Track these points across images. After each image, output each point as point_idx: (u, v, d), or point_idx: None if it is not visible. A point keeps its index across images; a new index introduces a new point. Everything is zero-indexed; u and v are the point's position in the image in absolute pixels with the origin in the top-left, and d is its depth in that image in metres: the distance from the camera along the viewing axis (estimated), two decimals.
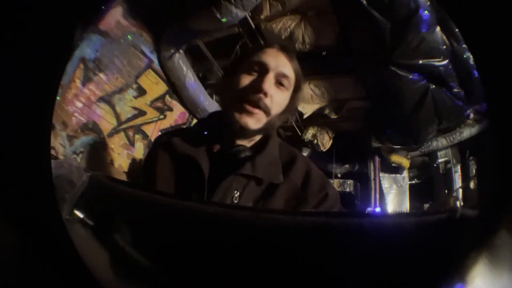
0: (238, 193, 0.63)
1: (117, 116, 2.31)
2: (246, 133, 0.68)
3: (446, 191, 3.20)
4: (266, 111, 0.67)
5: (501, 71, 0.24)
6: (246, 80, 0.68)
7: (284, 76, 0.69)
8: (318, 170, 0.72)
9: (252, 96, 0.66)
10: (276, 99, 0.68)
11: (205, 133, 0.72)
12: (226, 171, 0.64)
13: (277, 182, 0.65)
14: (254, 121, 0.66)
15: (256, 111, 0.66)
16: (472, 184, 3.00)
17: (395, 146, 3.07)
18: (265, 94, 0.65)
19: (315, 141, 3.49)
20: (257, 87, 0.65)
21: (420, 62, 2.13)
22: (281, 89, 0.70)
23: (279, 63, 0.69)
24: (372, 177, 3.50)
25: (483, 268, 0.23)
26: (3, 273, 0.30)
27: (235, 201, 0.62)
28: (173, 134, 0.74)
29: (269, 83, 0.66)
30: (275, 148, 0.72)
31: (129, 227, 0.35)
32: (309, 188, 0.66)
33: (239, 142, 0.70)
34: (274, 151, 0.71)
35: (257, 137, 0.72)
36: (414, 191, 3.67)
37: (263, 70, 0.68)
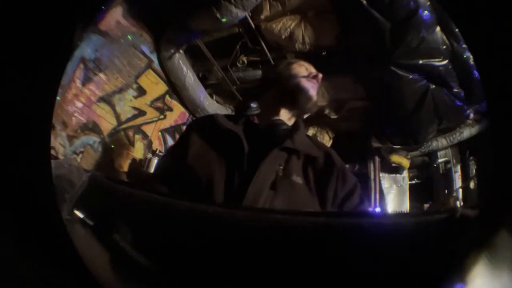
0: (282, 167, 0.71)
1: (117, 116, 2.31)
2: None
3: (446, 191, 3.20)
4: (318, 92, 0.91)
5: (501, 71, 0.24)
6: (302, 69, 0.92)
7: None
8: (338, 158, 0.83)
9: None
10: None
11: (252, 105, 0.86)
12: (265, 143, 0.73)
13: (315, 155, 0.76)
14: (315, 92, 0.88)
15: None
16: (472, 184, 2.99)
17: (395, 146, 3.07)
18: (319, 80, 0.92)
19: None
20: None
21: (420, 62, 2.13)
22: None
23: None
24: (372, 177, 3.49)
25: (483, 268, 0.23)
26: (3, 272, 0.30)
27: (280, 174, 0.70)
28: (211, 116, 0.86)
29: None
30: (305, 130, 0.87)
31: (129, 227, 0.35)
32: (333, 173, 0.75)
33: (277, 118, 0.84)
34: (305, 131, 0.86)
35: (293, 120, 0.87)
36: (414, 191, 3.66)
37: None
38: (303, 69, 0.92)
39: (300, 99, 0.85)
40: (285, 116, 0.85)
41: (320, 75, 0.91)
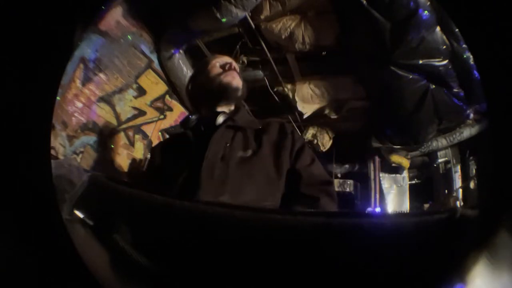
0: (228, 144, 0.82)
1: (117, 116, 2.31)
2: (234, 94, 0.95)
3: (446, 191, 3.20)
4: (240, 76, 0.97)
5: (501, 71, 0.24)
6: (216, 68, 0.97)
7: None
8: (289, 125, 0.97)
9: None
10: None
11: (190, 116, 0.95)
12: (211, 131, 0.83)
13: (256, 127, 0.89)
14: (237, 81, 0.95)
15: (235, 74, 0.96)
16: (472, 184, 2.99)
17: (395, 146, 3.06)
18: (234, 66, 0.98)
19: (315, 141, 3.49)
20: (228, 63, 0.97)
21: (420, 62, 2.12)
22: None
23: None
24: (372, 177, 3.49)
25: (483, 268, 0.23)
26: (3, 272, 0.30)
27: (227, 150, 0.80)
28: (167, 138, 1.09)
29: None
30: (246, 112, 0.99)
31: (129, 227, 0.35)
32: (286, 136, 0.88)
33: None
34: (246, 113, 0.98)
35: (231, 108, 0.97)
36: (414, 191, 3.66)
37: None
38: (217, 68, 0.97)
39: (229, 94, 0.94)
40: (225, 109, 0.95)
41: (234, 62, 1.00)
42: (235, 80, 0.95)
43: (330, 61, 2.57)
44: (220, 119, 0.87)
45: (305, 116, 2.99)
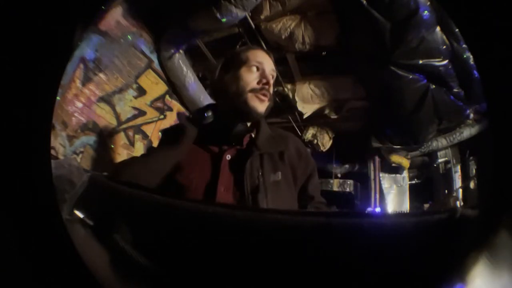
0: (261, 172, 0.78)
1: (117, 116, 2.31)
2: (257, 117, 0.87)
3: (446, 191, 3.20)
4: (270, 99, 0.88)
5: (501, 71, 0.24)
6: (252, 75, 0.86)
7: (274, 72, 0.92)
8: (304, 145, 0.98)
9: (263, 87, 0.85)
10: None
11: (206, 114, 0.87)
12: (227, 142, 0.82)
13: (282, 150, 0.85)
14: (264, 106, 0.86)
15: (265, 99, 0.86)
16: (472, 184, 3.00)
17: (395, 146, 3.07)
18: (270, 85, 0.87)
19: (315, 141, 3.49)
20: (265, 81, 0.85)
21: (420, 62, 2.13)
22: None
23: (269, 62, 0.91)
24: (372, 177, 3.50)
25: (483, 268, 0.23)
26: (3, 272, 0.30)
27: (261, 179, 0.77)
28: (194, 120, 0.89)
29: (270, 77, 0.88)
30: (266, 125, 0.91)
31: (129, 227, 0.35)
32: (301, 157, 0.90)
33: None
34: (266, 127, 0.90)
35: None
36: (414, 191, 3.67)
37: (262, 67, 0.87)
38: (252, 77, 0.85)
39: (249, 115, 0.85)
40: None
41: (271, 80, 0.87)
42: (262, 106, 0.85)
43: (330, 61, 2.57)
44: (240, 128, 0.83)
45: (305, 116, 2.99)
